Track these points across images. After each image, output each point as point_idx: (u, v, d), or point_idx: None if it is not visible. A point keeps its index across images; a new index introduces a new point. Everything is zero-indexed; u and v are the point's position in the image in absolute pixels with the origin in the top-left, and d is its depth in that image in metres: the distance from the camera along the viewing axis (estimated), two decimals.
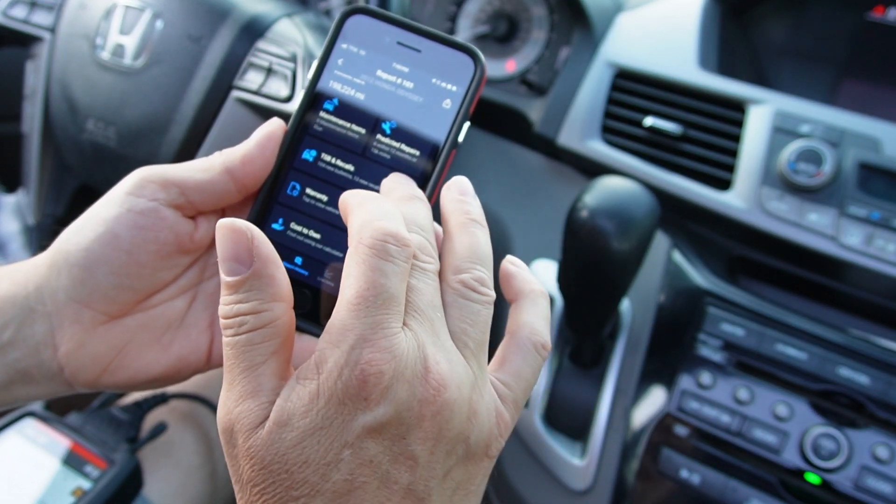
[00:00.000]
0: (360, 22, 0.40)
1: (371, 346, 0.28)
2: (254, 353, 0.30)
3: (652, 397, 0.66)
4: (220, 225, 0.31)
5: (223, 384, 0.31)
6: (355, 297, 0.29)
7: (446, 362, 0.30)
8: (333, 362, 0.29)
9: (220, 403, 0.31)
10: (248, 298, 0.30)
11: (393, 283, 0.30)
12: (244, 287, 0.31)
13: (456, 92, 0.39)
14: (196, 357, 0.39)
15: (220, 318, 0.31)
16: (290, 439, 0.28)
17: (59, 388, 0.39)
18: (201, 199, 0.38)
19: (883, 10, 0.75)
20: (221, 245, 0.31)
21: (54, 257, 0.37)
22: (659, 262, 0.71)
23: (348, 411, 0.28)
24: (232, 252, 0.31)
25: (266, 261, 0.31)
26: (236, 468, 0.30)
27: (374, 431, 0.29)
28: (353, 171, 0.39)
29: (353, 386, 0.28)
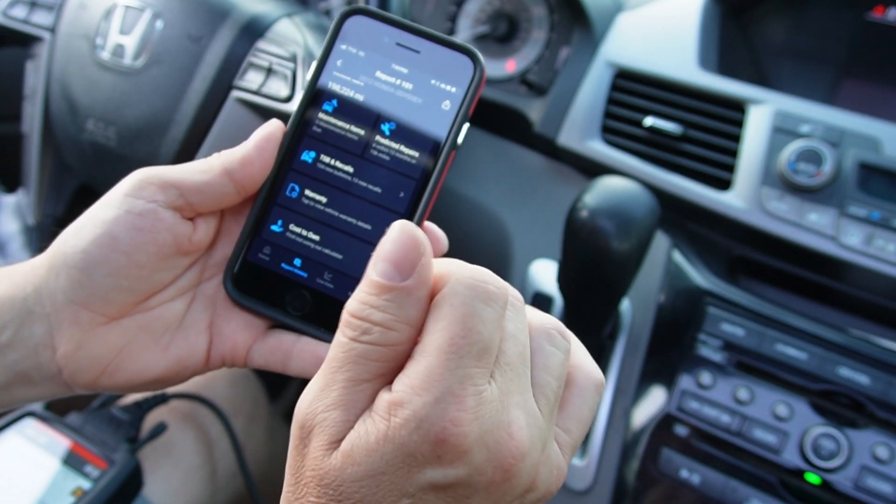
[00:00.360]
0: (360, 23, 0.40)
1: (458, 405, 0.27)
2: (363, 368, 0.29)
3: (652, 397, 0.66)
4: (399, 225, 0.29)
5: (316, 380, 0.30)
6: (448, 343, 0.27)
7: (527, 427, 0.29)
8: (412, 412, 0.27)
9: (305, 399, 0.30)
10: (386, 309, 0.29)
11: (490, 330, 0.28)
12: (388, 296, 0.29)
13: (455, 93, 0.39)
14: (195, 359, 0.39)
15: (346, 314, 0.29)
16: (350, 473, 0.28)
17: (57, 389, 0.39)
18: (200, 201, 0.38)
19: (883, 10, 0.75)
20: (391, 245, 0.29)
21: (53, 259, 0.37)
22: (659, 262, 0.71)
23: (417, 463, 0.27)
24: (397, 257, 0.29)
25: (423, 283, 0.29)
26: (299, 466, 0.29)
27: (440, 489, 0.28)
28: (352, 173, 0.39)
29: (430, 442, 0.27)
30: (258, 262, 0.39)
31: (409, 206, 0.39)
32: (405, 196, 0.38)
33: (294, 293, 0.39)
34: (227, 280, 0.39)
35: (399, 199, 0.39)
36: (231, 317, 0.40)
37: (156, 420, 0.71)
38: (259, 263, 0.39)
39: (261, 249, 0.39)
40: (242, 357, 0.40)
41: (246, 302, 0.39)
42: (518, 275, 0.79)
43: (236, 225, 0.41)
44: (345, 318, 0.29)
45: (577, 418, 0.33)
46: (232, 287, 0.39)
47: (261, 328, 0.40)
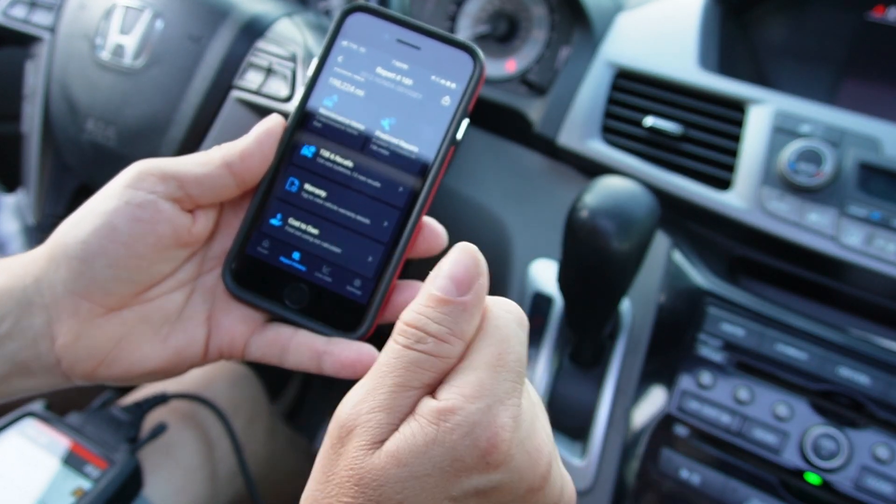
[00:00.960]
0: (360, 20, 0.40)
1: (505, 412, 0.29)
2: (413, 375, 0.30)
3: (652, 397, 0.66)
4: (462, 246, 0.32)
5: (362, 383, 0.31)
6: (496, 359, 0.30)
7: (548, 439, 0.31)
8: (464, 417, 0.28)
9: (350, 400, 0.30)
10: (442, 322, 0.30)
11: (524, 351, 0.31)
12: (445, 309, 0.30)
13: (455, 89, 0.39)
14: (193, 351, 0.39)
15: (402, 323, 0.31)
16: (394, 474, 0.28)
17: (56, 380, 0.39)
18: (200, 193, 0.38)
19: (883, 10, 0.75)
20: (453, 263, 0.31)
21: (53, 250, 0.37)
22: (659, 262, 0.71)
23: (464, 468, 0.28)
24: (458, 274, 0.31)
25: (479, 300, 0.31)
26: (332, 465, 0.30)
27: (483, 494, 0.29)
28: (352, 167, 0.39)
29: (480, 447, 0.28)
30: (257, 256, 0.39)
31: (408, 201, 0.39)
32: (404, 191, 0.39)
33: (292, 286, 0.39)
34: (226, 273, 0.39)
35: (398, 193, 0.39)
36: (229, 309, 0.40)
37: (156, 420, 0.71)
38: (258, 257, 0.39)
39: (260, 243, 0.39)
40: (240, 349, 0.40)
41: (244, 295, 0.39)
42: (518, 275, 0.79)
43: (235, 218, 0.41)
44: (400, 327, 0.31)
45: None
46: (231, 280, 0.39)
47: (259, 321, 0.40)
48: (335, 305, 0.39)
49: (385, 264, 0.39)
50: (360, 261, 0.39)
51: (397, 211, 0.39)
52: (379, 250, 0.39)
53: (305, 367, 0.38)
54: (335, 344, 0.38)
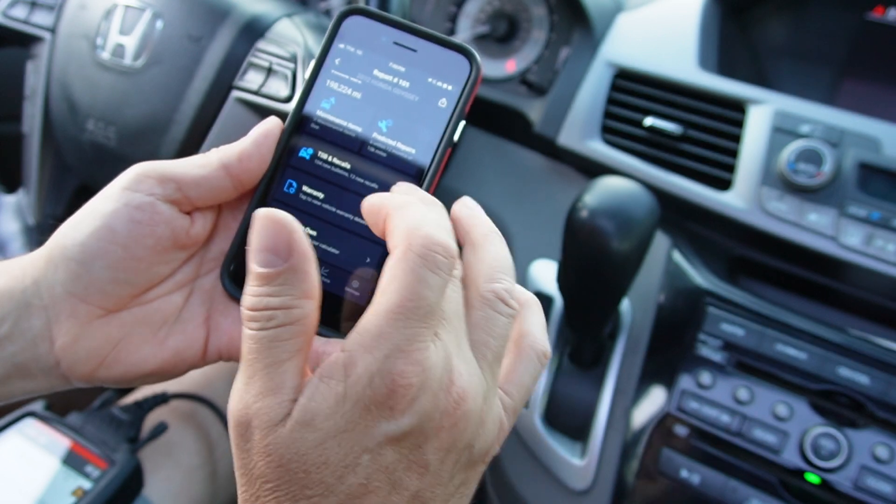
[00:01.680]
0: (357, 22, 0.40)
1: (405, 358, 0.29)
2: (279, 350, 0.30)
3: (652, 397, 0.66)
4: (259, 214, 0.31)
5: (239, 376, 0.31)
6: (397, 305, 0.29)
7: (467, 374, 0.31)
8: (364, 368, 0.29)
9: (235, 396, 0.31)
10: (281, 293, 0.30)
11: (436, 296, 0.30)
12: (277, 280, 0.30)
13: (452, 91, 0.39)
14: (192, 352, 0.40)
15: (245, 309, 0.31)
16: (311, 439, 0.28)
17: (55, 382, 0.39)
18: (198, 195, 0.38)
19: (883, 10, 0.75)
20: (259, 235, 0.31)
21: (51, 252, 0.37)
22: (659, 262, 0.71)
23: (372, 418, 0.29)
24: (270, 243, 0.30)
25: (304, 257, 0.31)
26: (247, 462, 0.30)
27: (395, 440, 0.29)
28: (349, 169, 0.39)
29: (382, 394, 0.28)
30: None
31: None
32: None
33: None
34: (224, 275, 0.39)
35: None
36: (228, 311, 0.40)
37: (156, 420, 0.71)
38: None
39: None
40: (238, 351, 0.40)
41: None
42: (518, 275, 0.79)
43: (233, 220, 0.41)
44: (246, 314, 0.30)
45: (519, 383, 0.35)
46: (229, 281, 0.39)
47: None
48: (334, 306, 0.39)
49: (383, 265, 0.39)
50: (358, 262, 0.39)
51: None
52: (377, 251, 0.39)
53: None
54: (333, 345, 0.38)
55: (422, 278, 0.29)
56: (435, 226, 0.31)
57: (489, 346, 0.32)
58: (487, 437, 0.32)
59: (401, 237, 0.31)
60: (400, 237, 0.31)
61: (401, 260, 0.30)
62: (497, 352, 0.33)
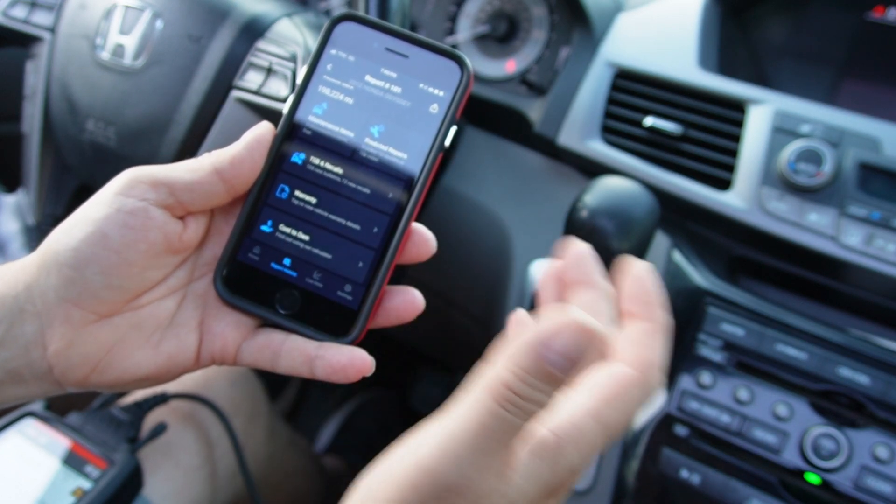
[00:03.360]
0: (349, 28, 0.40)
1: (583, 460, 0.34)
2: (508, 433, 0.31)
3: (652, 397, 0.66)
4: (579, 318, 0.30)
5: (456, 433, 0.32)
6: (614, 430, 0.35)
7: None
8: (568, 463, 0.33)
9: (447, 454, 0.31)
10: (547, 392, 0.31)
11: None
12: (552, 383, 0.31)
13: (443, 97, 0.40)
14: (185, 356, 0.40)
15: (501, 385, 0.31)
16: None
17: (48, 387, 0.39)
18: (190, 200, 0.38)
19: (883, 10, 0.75)
20: (569, 339, 0.30)
21: (44, 257, 0.37)
22: (659, 262, 0.71)
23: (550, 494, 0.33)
24: (571, 352, 0.30)
25: (579, 372, 0.31)
26: None
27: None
28: (341, 174, 0.40)
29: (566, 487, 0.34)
30: (248, 262, 0.40)
31: (397, 207, 0.39)
32: (394, 197, 0.39)
33: (283, 292, 0.39)
34: (217, 279, 0.40)
35: (388, 199, 0.40)
36: (221, 315, 0.40)
37: (156, 420, 0.71)
38: (249, 263, 0.40)
39: (250, 249, 0.40)
40: (232, 355, 0.40)
41: (236, 301, 0.39)
42: (518, 275, 0.79)
43: (226, 224, 0.41)
44: (500, 391, 0.31)
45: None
46: (222, 286, 0.39)
47: (250, 326, 0.40)
48: (326, 311, 0.39)
49: (375, 270, 0.39)
50: (350, 266, 0.39)
51: (387, 217, 0.39)
52: (369, 256, 0.39)
53: (298, 371, 0.38)
54: (327, 349, 0.38)
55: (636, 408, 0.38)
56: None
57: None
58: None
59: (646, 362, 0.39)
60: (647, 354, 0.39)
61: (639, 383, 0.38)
62: None
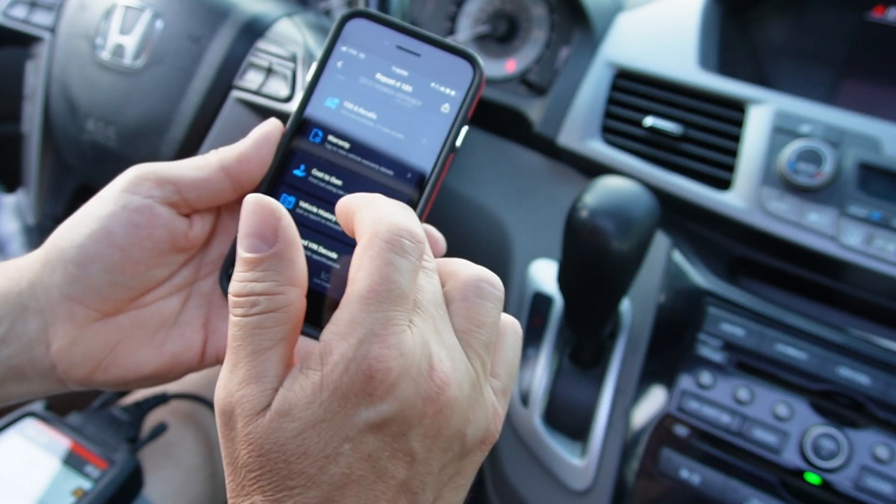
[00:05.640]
0: (360, 25, 0.40)
1: (380, 342, 0.28)
2: (262, 337, 0.30)
3: (652, 397, 0.66)
4: (248, 200, 0.31)
5: (224, 364, 0.31)
6: (367, 290, 0.29)
7: (449, 360, 0.30)
8: (340, 355, 0.28)
9: (219, 385, 0.31)
10: (265, 278, 0.30)
11: (406, 279, 0.30)
12: (262, 266, 0.30)
13: (454, 97, 0.39)
14: (190, 356, 0.39)
15: (231, 296, 0.31)
16: (290, 429, 0.28)
17: (51, 385, 0.39)
18: (196, 197, 0.38)
19: (883, 10, 0.75)
20: (246, 220, 0.31)
21: (48, 254, 0.37)
22: (659, 262, 0.71)
23: (351, 405, 0.28)
24: (257, 228, 0.31)
25: (290, 243, 0.31)
26: (232, 451, 0.30)
27: (376, 427, 0.29)
28: (350, 173, 0.39)
29: (359, 381, 0.28)
30: None
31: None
32: (403, 197, 0.39)
33: None
34: (223, 278, 0.39)
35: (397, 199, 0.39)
36: (226, 315, 0.40)
37: (156, 420, 0.71)
38: None
39: None
40: None
41: None
42: (518, 275, 0.79)
43: (232, 222, 0.41)
44: (231, 301, 0.31)
45: (503, 361, 0.35)
46: (228, 285, 0.39)
47: None
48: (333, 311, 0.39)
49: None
50: None
51: None
52: None
53: None
54: None
55: (389, 262, 0.29)
56: (401, 216, 0.31)
57: (472, 334, 0.32)
58: (480, 426, 0.32)
59: (367, 227, 0.31)
60: (366, 227, 0.31)
61: (367, 247, 0.30)
62: (486, 340, 0.32)
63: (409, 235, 0.30)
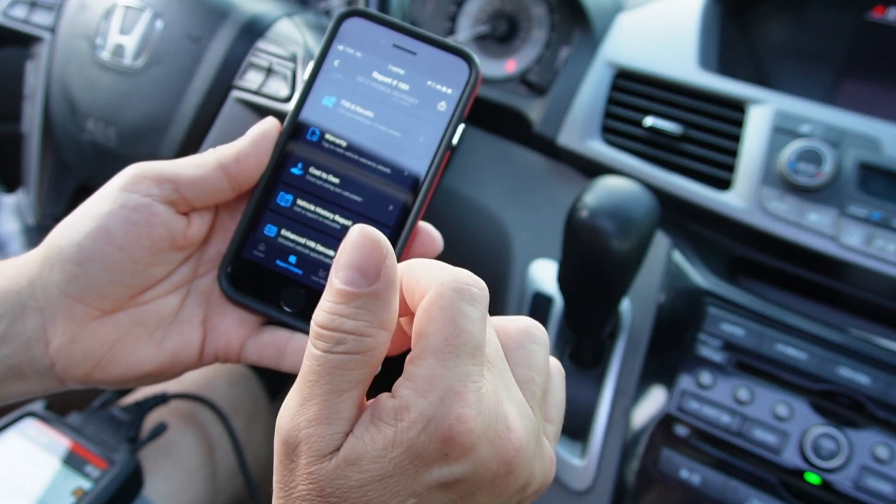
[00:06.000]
0: (357, 24, 0.40)
1: (461, 402, 0.27)
2: (342, 378, 0.28)
3: (652, 397, 0.66)
4: (354, 229, 0.29)
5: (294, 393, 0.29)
6: (444, 343, 0.28)
7: (521, 419, 0.29)
8: (419, 413, 0.27)
9: (286, 414, 0.29)
10: (357, 316, 0.28)
11: (479, 329, 0.28)
12: (357, 303, 0.28)
13: (451, 95, 0.39)
14: (188, 353, 0.39)
15: (316, 326, 0.29)
16: (355, 480, 0.28)
17: (50, 384, 0.39)
18: (195, 196, 0.38)
19: (883, 10, 0.75)
20: (350, 251, 0.29)
21: (47, 252, 0.37)
22: (659, 262, 0.71)
23: (424, 464, 0.27)
24: (360, 262, 0.28)
25: (390, 284, 0.29)
26: (289, 481, 0.29)
27: (446, 486, 0.28)
28: (348, 171, 0.39)
29: (437, 441, 0.27)
30: (253, 259, 0.39)
31: (404, 205, 0.39)
32: (401, 195, 0.39)
33: (289, 290, 0.39)
34: (222, 276, 0.39)
35: (395, 197, 0.39)
36: (225, 312, 0.40)
37: (156, 420, 0.71)
38: (254, 260, 0.39)
39: (256, 246, 0.40)
40: (236, 352, 0.40)
41: (240, 298, 0.39)
42: (518, 275, 0.79)
43: (231, 221, 0.41)
44: (315, 331, 0.29)
45: (554, 404, 0.34)
46: (226, 283, 0.39)
47: (255, 324, 0.40)
48: None
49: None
50: None
51: (394, 214, 0.39)
52: None
53: None
54: None
55: (462, 312, 0.28)
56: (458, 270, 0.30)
57: (535, 383, 0.31)
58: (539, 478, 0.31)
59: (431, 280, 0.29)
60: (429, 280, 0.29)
61: (436, 298, 0.28)
62: (543, 386, 0.32)
63: (475, 283, 0.29)
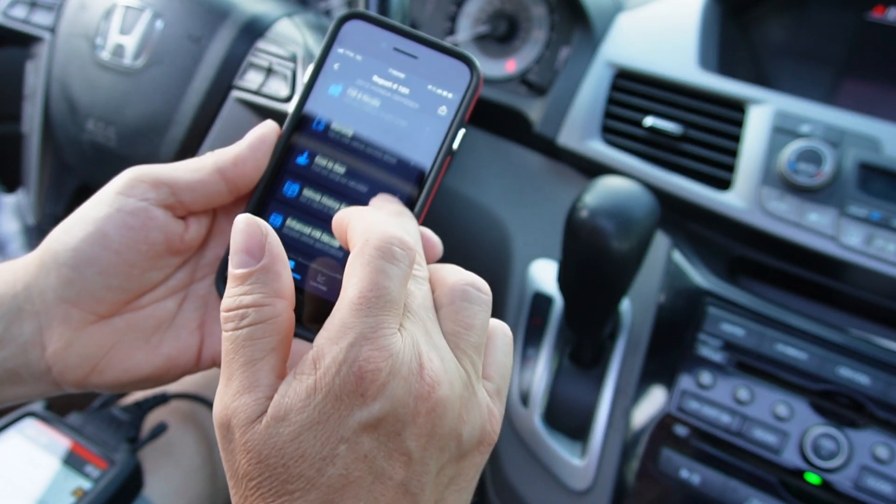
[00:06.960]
0: (357, 27, 0.40)
1: (370, 344, 0.29)
2: (253, 349, 0.30)
3: (652, 397, 0.66)
4: (238, 219, 0.32)
5: (220, 378, 0.31)
6: (358, 296, 0.30)
7: (439, 360, 0.31)
8: (332, 358, 0.29)
9: (216, 398, 0.31)
10: (253, 291, 0.31)
11: (395, 285, 0.30)
12: (250, 280, 0.31)
13: (452, 99, 0.39)
14: (186, 358, 0.39)
15: (222, 311, 0.31)
16: (286, 434, 0.29)
17: (47, 388, 0.39)
18: (192, 200, 0.38)
19: (883, 10, 0.75)
20: (236, 237, 0.32)
21: (43, 256, 0.37)
22: (659, 262, 0.71)
23: (345, 407, 0.29)
24: (245, 245, 0.32)
25: (275, 258, 0.32)
26: (232, 462, 0.30)
27: (370, 427, 0.29)
28: (346, 176, 0.39)
29: (351, 382, 0.29)
30: None
31: None
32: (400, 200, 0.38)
33: None
34: (219, 281, 0.39)
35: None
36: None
37: (156, 420, 0.71)
38: None
39: None
40: None
41: None
42: (518, 275, 0.79)
43: (229, 225, 0.40)
44: (222, 316, 0.31)
45: (494, 363, 0.35)
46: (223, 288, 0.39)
47: None
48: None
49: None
50: None
51: None
52: None
53: None
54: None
55: (379, 269, 0.30)
56: (391, 224, 0.32)
57: (463, 337, 0.33)
58: (475, 425, 0.32)
59: (359, 236, 0.32)
60: (358, 236, 0.32)
61: (358, 255, 0.31)
62: (475, 342, 0.33)
63: (399, 243, 0.31)
